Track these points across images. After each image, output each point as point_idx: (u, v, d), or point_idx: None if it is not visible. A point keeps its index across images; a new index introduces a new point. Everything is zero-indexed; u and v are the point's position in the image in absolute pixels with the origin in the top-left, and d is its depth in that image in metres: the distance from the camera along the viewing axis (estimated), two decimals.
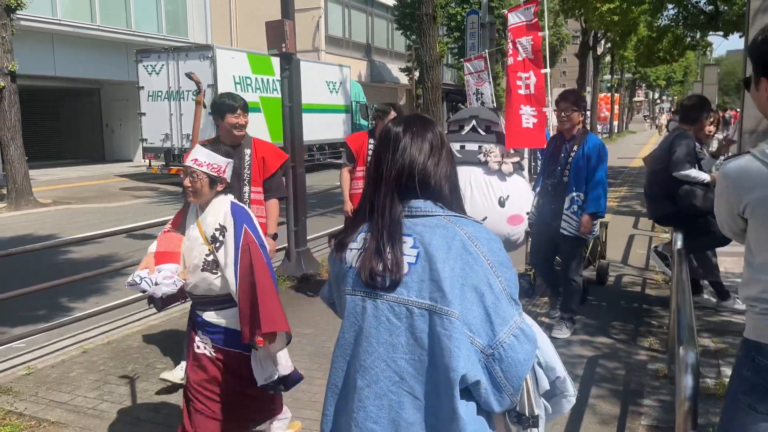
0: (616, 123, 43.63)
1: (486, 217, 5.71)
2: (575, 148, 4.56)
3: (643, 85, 61.01)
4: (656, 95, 71.75)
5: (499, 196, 5.63)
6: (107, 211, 12.08)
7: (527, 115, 5.59)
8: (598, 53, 31.63)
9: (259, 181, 3.98)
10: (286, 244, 6.55)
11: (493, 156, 5.58)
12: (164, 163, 16.10)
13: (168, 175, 16.34)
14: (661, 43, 18.47)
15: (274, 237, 4.14)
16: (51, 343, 4.83)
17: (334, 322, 4.63)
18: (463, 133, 5.73)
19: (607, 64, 40.34)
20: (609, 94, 41.03)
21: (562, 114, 4.59)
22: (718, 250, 5.26)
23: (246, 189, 3.94)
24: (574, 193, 4.55)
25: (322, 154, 20.20)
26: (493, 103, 5.23)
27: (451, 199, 1.48)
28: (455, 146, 5.82)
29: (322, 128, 19.28)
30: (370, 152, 4.60)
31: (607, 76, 43.03)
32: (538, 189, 4.89)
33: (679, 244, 4.16)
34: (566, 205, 4.57)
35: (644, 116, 68.28)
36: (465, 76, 6.63)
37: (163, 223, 6.17)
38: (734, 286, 5.98)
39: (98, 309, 5.28)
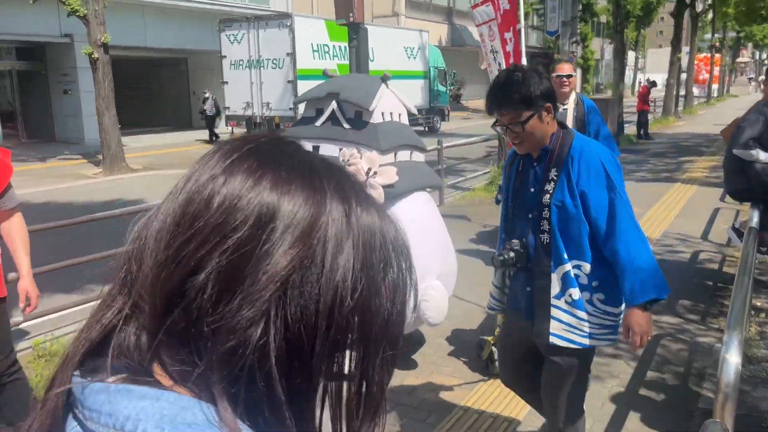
0: (715, 86, 40.81)
1: None
2: (553, 173, 2.28)
3: (749, 44, 56.52)
4: (764, 56, 66.34)
5: None
6: None
7: None
8: (698, 11, 29.55)
9: None
10: None
11: (354, 171, 3.28)
12: (246, 130, 16.64)
13: None
14: (763, 0, 17.01)
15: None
16: None
17: None
18: (318, 124, 3.59)
19: (708, 22, 37.62)
20: (708, 55, 38.34)
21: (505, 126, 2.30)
22: None
23: None
24: (569, 264, 2.28)
25: None
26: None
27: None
28: (306, 146, 2.70)
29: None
30: None
31: (708, 35, 40.17)
32: (497, 252, 2.45)
33: (754, 221, 3.93)
34: (555, 291, 2.31)
35: (749, 79, 63.41)
36: (477, 27, 5.12)
37: None
38: None
39: None
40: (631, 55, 29.55)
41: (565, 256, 2.28)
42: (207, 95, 18.61)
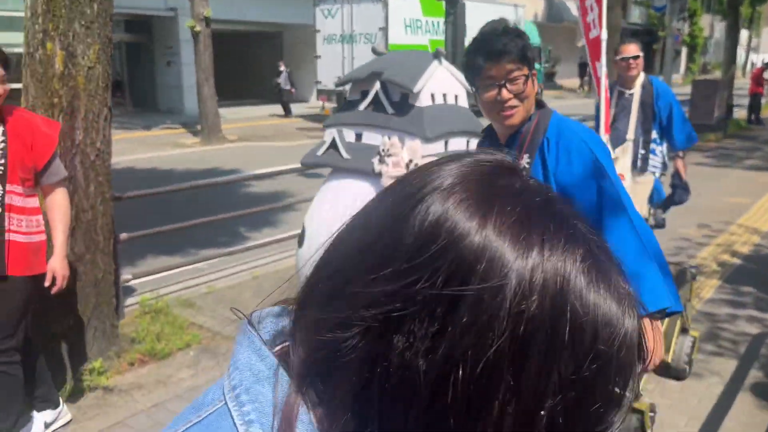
0: None
1: None
2: (526, 160, 1.90)
3: None
4: None
5: None
6: (283, 149, 13.03)
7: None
8: None
9: (20, 177, 2.60)
10: None
11: (393, 162, 2.98)
12: (336, 105, 16.85)
13: None
14: None
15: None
16: (229, 267, 5.44)
17: None
18: (361, 108, 3.19)
19: None
20: None
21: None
22: None
23: None
24: None
25: None
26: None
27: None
28: (349, 135, 3.22)
29: None
30: None
31: None
32: None
33: None
34: None
35: None
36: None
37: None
38: None
39: (270, 240, 5.79)
40: (743, 34, 27.44)
41: None
42: (281, 69, 18.63)
